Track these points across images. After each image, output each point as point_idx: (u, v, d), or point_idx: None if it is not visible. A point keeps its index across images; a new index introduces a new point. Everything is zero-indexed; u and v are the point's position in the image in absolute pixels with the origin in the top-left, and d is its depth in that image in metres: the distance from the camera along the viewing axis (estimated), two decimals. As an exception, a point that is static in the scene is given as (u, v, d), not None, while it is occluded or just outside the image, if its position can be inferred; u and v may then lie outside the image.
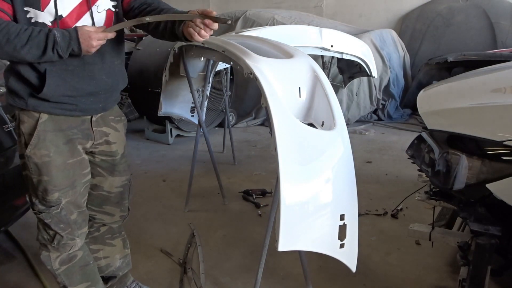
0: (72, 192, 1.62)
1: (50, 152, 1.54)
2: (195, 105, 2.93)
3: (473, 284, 1.66)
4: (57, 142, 1.56)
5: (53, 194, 1.58)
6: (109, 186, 1.79)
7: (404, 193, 2.96)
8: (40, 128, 1.53)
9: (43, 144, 1.53)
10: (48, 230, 1.64)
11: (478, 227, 1.66)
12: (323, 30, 3.18)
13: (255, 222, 2.90)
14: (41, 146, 1.53)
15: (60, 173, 1.57)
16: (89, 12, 1.50)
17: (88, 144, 1.66)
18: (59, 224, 1.62)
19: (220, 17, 1.40)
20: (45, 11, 1.42)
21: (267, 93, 1.48)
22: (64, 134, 1.57)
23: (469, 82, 2.26)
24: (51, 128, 1.54)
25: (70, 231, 1.65)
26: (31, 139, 1.52)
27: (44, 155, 1.54)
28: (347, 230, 1.49)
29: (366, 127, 5.37)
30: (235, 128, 5.20)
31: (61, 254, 1.68)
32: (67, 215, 1.63)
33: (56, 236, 1.64)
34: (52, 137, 1.55)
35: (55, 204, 1.59)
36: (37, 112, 1.52)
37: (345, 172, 1.53)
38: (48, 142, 1.54)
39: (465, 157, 1.60)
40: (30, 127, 1.53)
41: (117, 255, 1.97)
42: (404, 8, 6.66)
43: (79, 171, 1.64)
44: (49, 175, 1.55)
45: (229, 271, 2.33)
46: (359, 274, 2.13)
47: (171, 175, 3.79)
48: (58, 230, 1.63)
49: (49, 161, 1.54)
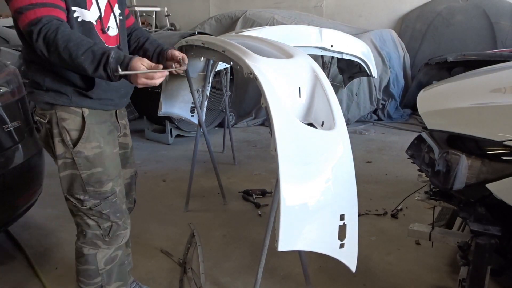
0: (121, 181, 1.72)
1: (101, 143, 1.61)
2: (195, 105, 2.93)
3: (473, 284, 1.66)
4: (103, 133, 1.64)
5: (108, 184, 1.63)
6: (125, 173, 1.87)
7: (404, 193, 2.96)
8: (88, 121, 1.58)
9: (93, 136, 1.59)
10: (103, 223, 1.66)
11: (478, 227, 1.66)
12: (323, 30, 3.18)
13: (255, 222, 2.90)
14: (92, 139, 1.59)
15: (111, 162, 1.65)
16: (113, 14, 1.62)
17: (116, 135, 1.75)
18: (116, 213, 1.68)
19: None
20: (91, 10, 1.51)
21: (267, 93, 1.48)
22: (105, 125, 1.66)
23: (469, 82, 2.26)
24: (94, 121, 1.61)
25: (124, 219, 1.73)
26: (82, 134, 1.56)
27: (95, 147, 1.59)
28: (347, 230, 1.49)
29: (366, 127, 5.37)
30: (235, 128, 5.20)
31: (108, 251, 1.70)
32: (120, 204, 1.70)
33: (112, 227, 1.67)
34: (98, 129, 1.62)
35: (111, 193, 1.65)
36: (79, 107, 1.56)
37: (345, 172, 1.53)
38: (97, 134, 1.61)
39: (465, 157, 1.60)
40: (76, 123, 1.57)
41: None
42: (404, 8, 6.66)
43: (119, 161, 1.74)
44: (103, 166, 1.61)
45: (229, 271, 2.33)
46: (359, 274, 2.13)
47: (171, 175, 3.79)
48: (115, 220, 1.67)
49: (101, 151, 1.61)
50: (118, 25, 1.66)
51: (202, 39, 2.34)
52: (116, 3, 1.65)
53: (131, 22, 1.84)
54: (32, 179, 2.39)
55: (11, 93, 2.28)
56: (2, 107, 2.19)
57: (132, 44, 1.83)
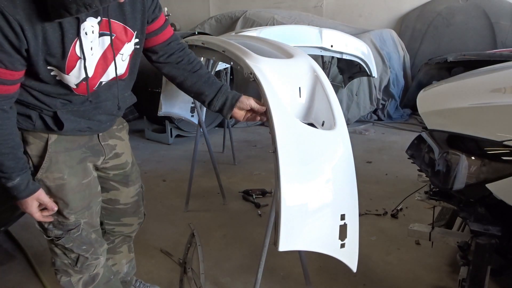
0: (88, 213, 1.55)
1: (64, 174, 1.44)
2: (195, 105, 2.93)
3: (473, 284, 1.66)
4: (71, 162, 1.46)
5: (70, 216, 1.49)
6: (125, 197, 1.73)
7: (404, 193, 2.96)
8: (51, 149, 1.41)
9: (55, 166, 1.42)
10: (70, 254, 1.54)
11: (478, 227, 1.66)
12: (323, 30, 3.18)
13: (255, 222, 2.90)
14: (54, 169, 1.42)
15: (77, 195, 1.48)
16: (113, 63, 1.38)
17: (100, 161, 1.58)
18: (82, 246, 1.54)
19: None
20: (70, 75, 1.29)
21: (267, 93, 1.48)
22: (75, 153, 1.47)
23: (469, 82, 2.26)
24: (62, 148, 1.43)
25: (94, 250, 1.58)
26: (42, 162, 1.40)
27: (58, 178, 1.43)
28: (348, 230, 1.49)
29: (366, 127, 5.37)
30: (235, 128, 5.20)
31: (83, 276, 1.60)
32: (88, 235, 1.56)
33: (79, 258, 1.55)
34: (65, 158, 1.44)
35: (74, 226, 1.50)
36: (45, 133, 1.40)
37: (345, 172, 1.53)
38: (61, 164, 1.43)
39: (465, 157, 1.60)
40: (39, 149, 1.40)
41: (123, 260, 1.94)
42: (404, 8, 6.66)
43: (94, 191, 1.57)
44: (65, 198, 1.46)
45: (229, 271, 2.33)
46: (359, 274, 2.13)
47: (171, 175, 3.79)
48: (81, 252, 1.54)
49: (64, 183, 1.44)
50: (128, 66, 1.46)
51: (202, 39, 2.34)
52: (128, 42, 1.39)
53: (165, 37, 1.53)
54: (32, 179, 2.38)
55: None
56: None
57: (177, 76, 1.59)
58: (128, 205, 1.76)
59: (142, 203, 1.84)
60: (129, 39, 1.39)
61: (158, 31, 1.51)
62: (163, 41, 1.54)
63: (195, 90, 1.59)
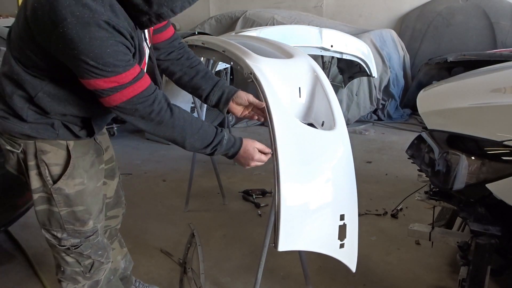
0: (102, 216, 1.55)
1: (84, 179, 1.43)
2: (195, 105, 2.93)
3: (473, 284, 1.66)
4: (86, 167, 1.45)
5: (89, 222, 1.47)
6: (111, 191, 1.74)
7: (404, 193, 2.96)
8: (74, 155, 1.39)
9: (77, 171, 1.41)
10: (84, 261, 1.52)
11: (478, 227, 1.66)
12: (323, 30, 3.18)
13: (255, 222, 2.90)
14: (76, 175, 1.40)
15: (93, 198, 1.48)
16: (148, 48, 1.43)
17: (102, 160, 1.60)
18: (98, 251, 1.53)
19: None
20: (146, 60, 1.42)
21: (267, 93, 1.49)
22: (88, 157, 1.47)
23: (469, 82, 2.26)
24: (80, 153, 1.42)
25: (107, 254, 1.59)
26: (65, 170, 1.38)
27: (79, 184, 1.42)
28: (347, 230, 1.49)
29: (366, 127, 5.37)
30: (235, 128, 5.20)
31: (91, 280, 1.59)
32: (102, 239, 1.56)
33: (94, 264, 1.53)
34: (82, 163, 1.43)
35: (92, 232, 1.49)
36: (63, 140, 1.38)
37: (345, 172, 1.53)
38: (81, 169, 1.42)
39: (465, 157, 1.60)
40: (60, 157, 1.38)
41: (118, 257, 1.94)
42: (404, 8, 6.66)
43: (102, 193, 1.58)
44: (85, 204, 1.44)
45: (229, 271, 2.33)
46: (359, 274, 2.13)
47: (171, 175, 3.79)
48: (97, 258, 1.53)
49: (84, 189, 1.43)
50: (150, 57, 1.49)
51: (202, 39, 2.34)
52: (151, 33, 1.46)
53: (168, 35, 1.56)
54: (32, 179, 2.38)
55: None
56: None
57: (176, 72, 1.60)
58: (114, 196, 1.77)
59: (122, 192, 1.84)
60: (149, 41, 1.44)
61: (162, 29, 1.53)
62: (166, 39, 1.56)
63: (192, 85, 1.60)
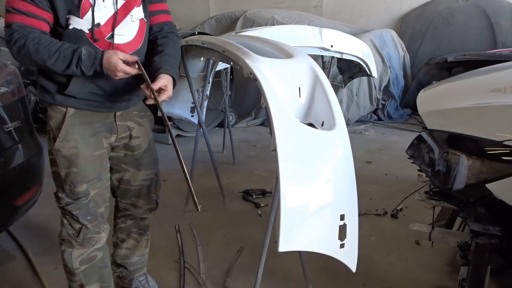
0: (100, 184, 1.69)
1: (78, 144, 1.60)
2: (195, 105, 2.93)
3: (473, 284, 1.66)
4: (84, 134, 1.62)
5: (82, 185, 1.63)
6: (134, 179, 1.84)
7: (404, 193, 2.96)
8: (68, 121, 1.59)
9: (71, 136, 1.60)
10: (74, 224, 1.66)
11: (478, 227, 1.66)
12: (323, 30, 3.18)
13: (255, 222, 2.90)
14: (69, 139, 1.59)
15: (88, 164, 1.63)
16: (125, 21, 1.57)
17: (113, 138, 1.71)
18: (87, 216, 1.66)
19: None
20: (84, 19, 1.50)
21: (267, 93, 1.48)
22: (90, 127, 1.64)
23: (469, 82, 2.26)
24: (77, 121, 1.61)
25: (97, 223, 1.69)
26: (59, 133, 1.59)
27: (72, 147, 1.60)
28: (347, 230, 1.49)
29: (366, 127, 5.37)
30: (235, 128, 5.20)
31: (85, 251, 1.71)
32: (94, 207, 1.68)
33: (82, 229, 1.66)
34: (79, 130, 1.61)
35: (84, 195, 1.64)
36: (64, 106, 1.59)
37: (345, 172, 1.53)
38: (76, 135, 1.60)
39: (465, 157, 1.60)
40: (58, 122, 1.60)
41: (137, 251, 2.03)
42: (404, 8, 6.66)
43: (104, 164, 1.71)
44: (78, 167, 1.61)
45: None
46: (359, 274, 2.13)
47: (171, 175, 3.79)
48: (85, 222, 1.66)
49: (77, 152, 1.60)
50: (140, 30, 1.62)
51: (202, 39, 2.34)
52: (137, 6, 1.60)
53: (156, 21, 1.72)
54: (32, 179, 2.38)
55: (11, 93, 2.28)
56: (2, 107, 2.18)
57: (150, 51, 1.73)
58: (138, 187, 1.87)
59: (155, 192, 1.93)
60: (138, 4, 1.59)
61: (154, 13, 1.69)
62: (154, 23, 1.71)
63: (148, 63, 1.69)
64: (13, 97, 2.29)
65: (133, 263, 2.04)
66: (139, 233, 2.00)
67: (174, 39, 1.75)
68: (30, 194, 2.37)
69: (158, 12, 1.71)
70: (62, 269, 1.77)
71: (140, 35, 1.63)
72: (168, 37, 1.72)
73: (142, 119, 1.81)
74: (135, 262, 2.04)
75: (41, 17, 1.47)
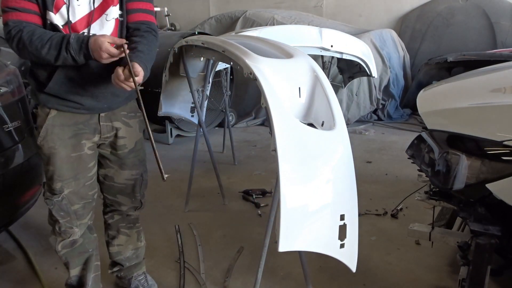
0: (75, 184, 1.75)
1: (56, 144, 1.68)
2: (195, 105, 2.93)
3: (473, 284, 1.66)
4: (63, 136, 1.69)
5: (57, 183, 1.71)
6: (118, 178, 1.89)
7: (404, 193, 2.97)
8: (49, 122, 1.67)
9: (50, 137, 1.67)
10: (52, 216, 1.77)
11: (478, 227, 1.66)
12: (323, 30, 3.18)
13: (255, 222, 2.90)
14: (48, 139, 1.67)
15: (64, 165, 1.71)
16: (99, 20, 1.61)
17: (96, 138, 1.75)
18: (59, 212, 1.75)
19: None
20: (57, 15, 1.55)
21: (267, 93, 1.49)
22: (70, 129, 1.70)
23: (469, 82, 2.26)
24: (58, 123, 1.68)
25: (69, 220, 1.77)
26: (41, 131, 1.68)
27: (51, 147, 1.68)
28: (347, 230, 1.49)
29: (366, 127, 5.37)
30: (235, 128, 5.20)
31: (63, 239, 1.81)
32: (67, 205, 1.75)
33: (56, 222, 1.77)
34: (58, 131, 1.68)
35: (58, 192, 1.73)
36: (47, 107, 1.67)
37: (345, 172, 1.53)
38: (54, 136, 1.68)
39: (465, 157, 1.61)
40: (41, 121, 1.69)
41: (130, 245, 2.05)
42: (404, 8, 6.66)
43: (83, 165, 1.75)
44: (54, 166, 1.70)
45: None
46: (359, 274, 2.13)
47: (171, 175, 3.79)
48: (58, 217, 1.76)
49: (55, 153, 1.69)
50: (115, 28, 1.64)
51: (202, 39, 2.34)
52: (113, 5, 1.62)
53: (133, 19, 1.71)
54: (32, 179, 2.39)
55: (11, 93, 2.28)
56: (2, 107, 2.19)
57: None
58: (122, 185, 1.91)
59: (140, 192, 1.96)
60: (115, 3, 1.62)
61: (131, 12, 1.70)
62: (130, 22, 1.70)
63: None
64: (13, 97, 2.29)
65: (128, 258, 2.06)
66: (128, 227, 2.03)
67: (150, 38, 1.71)
68: (30, 194, 2.37)
69: (136, 10, 1.71)
70: (62, 269, 1.79)
71: (115, 34, 1.65)
72: (144, 36, 1.69)
73: (130, 120, 1.83)
74: (130, 257, 2.06)
75: (33, 11, 1.53)
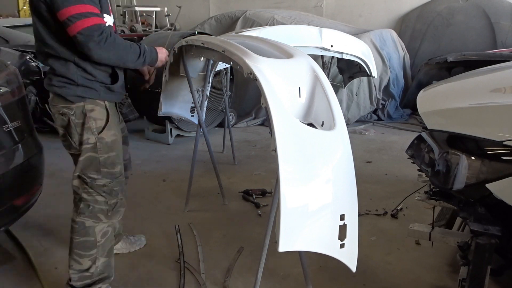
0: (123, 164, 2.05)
1: (116, 131, 1.97)
2: (195, 105, 2.93)
3: (473, 284, 1.66)
4: (116, 122, 2.00)
5: (118, 166, 1.97)
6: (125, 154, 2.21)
7: (404, 193, 2.96)
8: (110, 112, 1.93)
9: (112, 125, 1.93)
10: (110, 200, 1.94)
11: (478, 227, 1.66)
12: (323, 30, 3.18)
13: (255, 222, 2.90)
14: (111, 127, 1.93)
15: (120, 148, 2.00)
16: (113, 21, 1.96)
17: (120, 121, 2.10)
18: (122, 191, 2.01)
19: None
20: (111, 15, 1.91)
21: (267, 93, 1.49)
22: (116, 116, 2.01)
23: (469, 82, 2.26)
24: (112, 112, 1.95)
25: (124, 197, 2.05)
26: (106, 123, 1.90)
27: (113, 134, 1.94)
28: (347, 230, 1.49)
29: (366, 127, 5.37)
30: (235, 128, 5.20)
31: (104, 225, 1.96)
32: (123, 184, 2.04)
33: (117, 203, 1.97)
34: (114, 119, 1.96)
35: (120, 174, 1.98)
36: (102, 100, 1.90)
37: (345, 172, 1.53)
38: (114, 123, 1.95)
39: (465, 157, 1.60)
40: (102, 113, 1.90)
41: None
42: (404, 8, 6.66)
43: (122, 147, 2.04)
44: (117, 150, 1.96)
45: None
46: (359, 274, 2.13)
47: (171, 175, 3.79)
48: (120, 197, 1.99)
49: (116, 139, 1.96)
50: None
51: (202, 39, 2.34)
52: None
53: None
54: (32, 179, 2.38)
55: (11, 93, 2.28)
56: (2, 107, 2.18)
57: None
58: (126, 160, 2.24)
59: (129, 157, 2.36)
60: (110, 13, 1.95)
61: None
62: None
63: None
64: (13, 97, 2.29)
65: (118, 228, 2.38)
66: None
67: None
68: (30, 194, 2.37)
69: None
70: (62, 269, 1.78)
71: None
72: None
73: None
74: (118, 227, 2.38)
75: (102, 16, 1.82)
